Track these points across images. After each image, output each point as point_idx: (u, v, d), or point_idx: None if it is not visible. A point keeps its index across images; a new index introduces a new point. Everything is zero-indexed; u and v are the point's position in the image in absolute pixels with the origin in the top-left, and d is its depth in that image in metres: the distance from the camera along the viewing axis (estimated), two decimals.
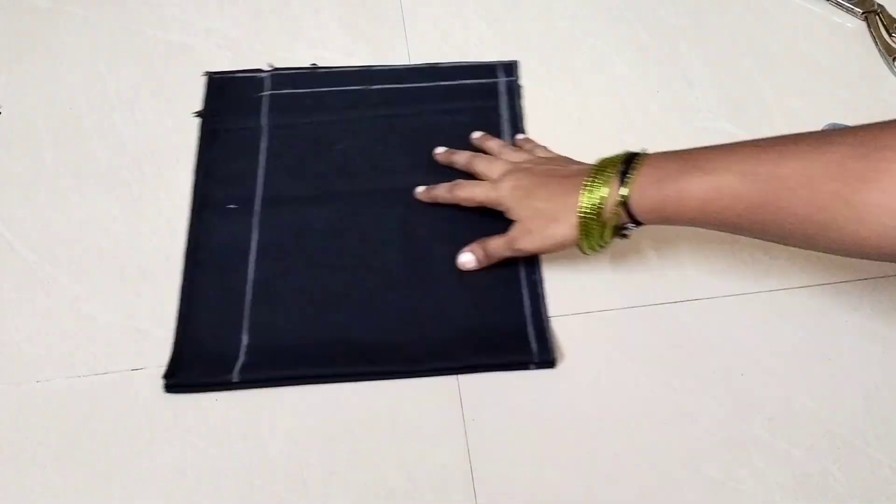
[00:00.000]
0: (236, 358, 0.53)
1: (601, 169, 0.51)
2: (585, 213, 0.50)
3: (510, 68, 0.70)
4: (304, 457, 0.50)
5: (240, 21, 0.74)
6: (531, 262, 0.58)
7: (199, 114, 0.67)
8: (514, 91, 0.68)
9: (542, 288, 0.57)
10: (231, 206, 0.61)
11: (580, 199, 0.51)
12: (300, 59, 0.70)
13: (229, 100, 0.68)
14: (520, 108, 0.67)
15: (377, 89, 0.68)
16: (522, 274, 0.58)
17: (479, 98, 0.68)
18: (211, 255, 0.58)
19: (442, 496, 0.49)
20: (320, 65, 0.70)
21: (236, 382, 0.52)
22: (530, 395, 0.53)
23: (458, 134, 0.65)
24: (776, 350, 0.55)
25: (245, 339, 0.54)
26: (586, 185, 0.51)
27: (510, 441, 0.51)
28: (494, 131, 0.65)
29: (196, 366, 0.53)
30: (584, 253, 0.54)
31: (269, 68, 0.69)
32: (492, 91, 0.68)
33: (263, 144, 0.65)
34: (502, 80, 0.69)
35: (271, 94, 0.68)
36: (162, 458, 0.50)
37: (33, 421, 0.51)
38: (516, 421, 0.52)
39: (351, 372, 0.53)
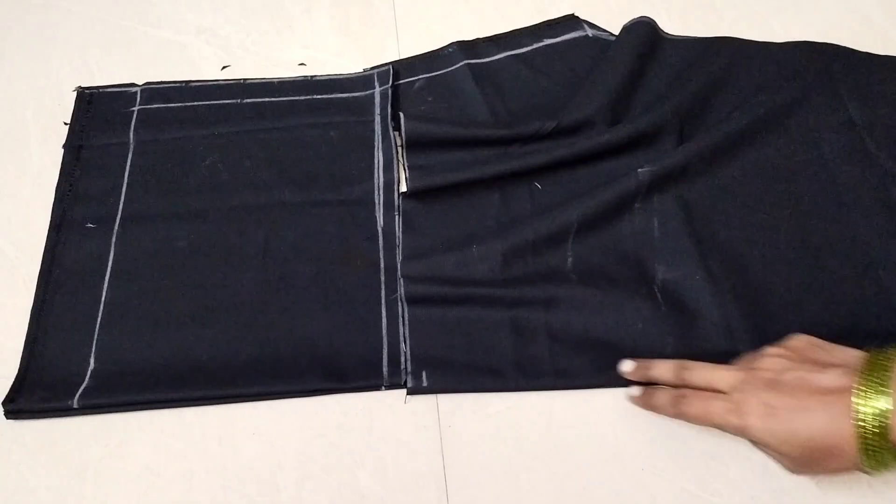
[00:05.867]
0: (80, 383, 0.52)
1: (872, 371, 0.42)
2: (866, 439, 0.41)
3: (385, 76, 0.67)
4: (277, 460, 0.50)
5: (231, 19, 0.74)
6: (392, 282, 0.56)
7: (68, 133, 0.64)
8: (386, 101, 0.65)
9: (402, 308, 0.54)
10: (90, 225, 0.59)
11: (856, 422, 0.41)
12: (290, 58, 0.70)
13: (98, 115, 0.65)
14: (391, 119, 0.64)
15: (250, 103, 0.66)
16: (383, 294, 0.55)
17: (351, 112, 0.65)
18: (66, 275, 0.57)
19: (415, 502, 0.49)
20: (308, 65, 0.70)
21: (76, 409, 0.51)
22: (507, 402, 0.52)
23: (328, 149, 0.63)
24: None
25: (92, 364, 0.53)
26: (859, 399, 0.41)
27: (486, 449, 0.51)
28: (367, 145, 0.63)
29: (38, 391, 0.51)
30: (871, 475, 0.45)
31: (142, 83, 0.67)
32: (366, 104, 0.66)
33: (129, 161, 0.62)
34: (377, 90, 0.66)
35: (141, 109, 0.66)
36: (136, 459, 0.50)
37: None
38: (493, 428, 0.51)
39: (196, 396, 0.51)
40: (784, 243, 0.57)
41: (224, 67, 0.69)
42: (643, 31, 0.68)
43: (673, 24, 0.73)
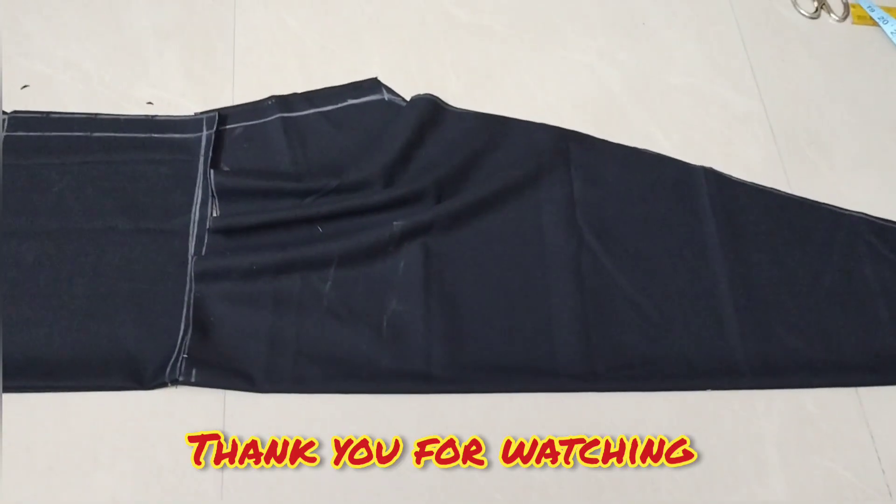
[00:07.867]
0: None
1: None
2: None
3: (211, 122, 0.81)
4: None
5: (94, 56, 0.87)
6: None
7: None
8: (209, 145, 0.79)
9: (188, 310, 0.71)
10: None
11: None
12: (141, 96, 0.85)
13: None
14: (210, 160, 0.78)
15: (98, 137, 0.80)
16: (183, 312, 0.71)
17: (181, 152, 0.80)
18: None
19: None
20: (155, 103, 0.84)
21: None
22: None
23: (158, 183, 0.77)
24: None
25: None
26: None
27: None
28: (190, 183, 0.77)
29: None
30: None
31: (9, 112, 0.79)
32: (193, 146, 0.80)
33: None
34: (204, 133, 0.81)
35: (6, 136, 0.77)
36: None
37: None
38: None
39: (20, 385, 0.66)
40: (492, 291, 0.75)
41: (24, 87, 0.83)
42: (425, 105, 0.85)
43: (460, 88, 0.90)
